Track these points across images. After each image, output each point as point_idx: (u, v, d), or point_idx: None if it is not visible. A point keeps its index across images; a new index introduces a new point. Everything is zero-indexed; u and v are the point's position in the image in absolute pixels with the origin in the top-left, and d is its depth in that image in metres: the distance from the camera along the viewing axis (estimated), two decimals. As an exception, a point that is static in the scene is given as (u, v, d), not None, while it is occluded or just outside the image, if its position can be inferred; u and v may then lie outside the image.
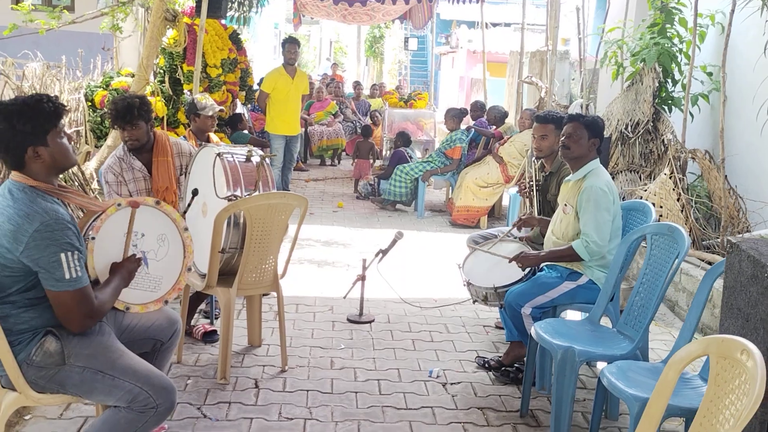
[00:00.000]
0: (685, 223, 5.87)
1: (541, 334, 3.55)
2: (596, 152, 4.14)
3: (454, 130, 9.32)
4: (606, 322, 3.97)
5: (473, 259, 4.64)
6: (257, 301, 4.54)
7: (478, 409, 3.92)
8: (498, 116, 9.26)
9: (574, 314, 4.40)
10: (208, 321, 4.89)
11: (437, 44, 24.38)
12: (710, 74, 6.60)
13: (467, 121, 10.83)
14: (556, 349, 3.39)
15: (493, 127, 9.36)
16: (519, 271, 4.26)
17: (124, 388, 2.66)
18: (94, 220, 2.96)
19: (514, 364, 4.32)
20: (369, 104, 15.16)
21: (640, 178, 6.67)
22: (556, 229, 4.24)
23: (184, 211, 4.01)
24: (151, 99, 7.20)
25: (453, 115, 9.38)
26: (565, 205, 4.18)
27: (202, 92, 6.82)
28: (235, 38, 8.40)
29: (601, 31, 7.93)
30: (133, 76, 7.29)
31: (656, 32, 6.71)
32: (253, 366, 4.31)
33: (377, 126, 12.92)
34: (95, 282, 2.85)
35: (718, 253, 5.61)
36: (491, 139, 9.20)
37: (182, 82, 7.64)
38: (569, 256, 4.02)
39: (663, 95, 6.78)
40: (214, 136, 5.46)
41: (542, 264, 4.24)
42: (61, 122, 2.65)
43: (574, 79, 11.50)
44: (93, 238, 2.85)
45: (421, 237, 8.08)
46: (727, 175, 6.05)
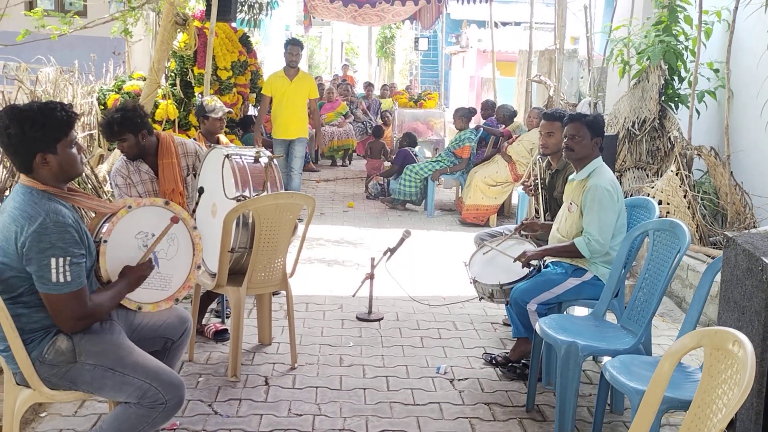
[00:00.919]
0: (692, 220, 5.89)
1: (545, 329, 3.59)
2: (599, 150, 4.19)
3: (463, 130, 9.37)
4: (613, 319, 4.02)
5: (479, 256, 4.69)
6: (267, 300, 4.62)
7: (485, 404, 3.97)
8: (507, 115, 9.29)
9: (582, 310, 4.44)
10: (219, 320, 4.97)
11: (447, 44, 24.43)
12: (717, 71, 6.61)
13: (477, 120, 10.88)
14: (560, 344, 3.44)
15: (503, 126, 9.40)
16: (524, 268, 4.31)
17: (133, 384, 2.73)
18: (105, 222, 3.03)
19: (521, 360, 4.36)
20: (380, 103, 15.23)
21: (647, 176, 6.70)
22: (561, 227, 4.28)
23: (193, 210, 4.09)
24: (163, 102, 7.32)
25: (462, 115, 9.44)
26: (570, 204, 4.22)
27: (212, 95, 6.90)
28: (245, 41, 8.50)
29: (609, 30, 7.94)
30: (144, 80, 7.38)
31: (661, 30, 6.73)
32: (264, 364, 4.39)
33: (388, 126, 12.99)
34: (107, 282, 2.92)
35: (725, 249, 5.63)
36: (500, 138, 9.24)
37: (193, 84, 7.73)
38: (571, 252, 4.07)
39: (669, 93, 6.80)
40: (223, 138, 5.54)
41: (547, 261, 4.30)
42: (72, 132, 2.70)
43: (582, 78, 11.51)
44: (105, 241, 2.91)
45: (431, 236, 8.14)
46: (733, 172, 6.07)
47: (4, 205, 2.73)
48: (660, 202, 5.91)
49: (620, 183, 5.80)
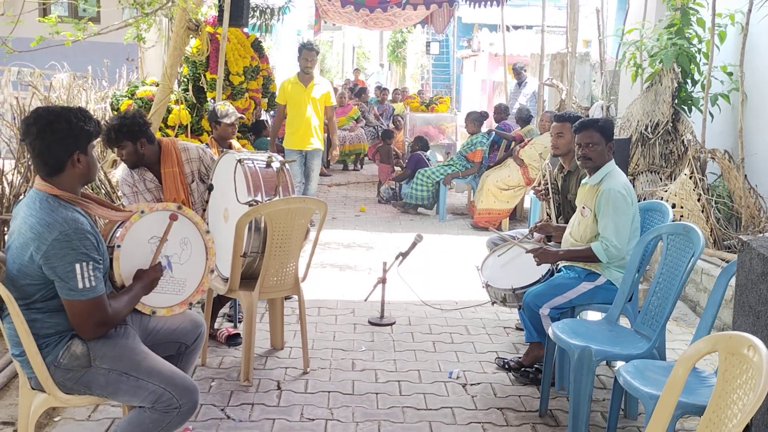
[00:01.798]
0: (706, 224, 5.86)
1: (558, 334, 3.58)
2: (611, 154, 4.17)
3: (475, 134, 9.37)
4: (625, 323, 3.99)
5: (492, 260, 4.68)
6: (279, 305, 4.62)
7: (498, 409, 3.96)
8: (523, 117, 9.28)
9: (596, 314, 4.43)
10: (232, 324, 4.98)
11: (459, 48, 24.40)
12: (730, 74, 6.58)
13: (490, 124, 10.87)
14: (573, 349, 3.43)
15: (517, 128, 9.39)
16: (537, 272, 4.30)
17: (148, 389, 2.74)
18: (118, 228, 3.05)
19: (534, 365, 4.35)
20: (393, 108, 15.26)
21: (661, 179, 6.67)
22: (574, 231, 4.27)
23: (204, 209, 4.12)
24: (175, 107, 7.35)
25: (473, 119, 9.44)
26: (583, 208, 4.21)
27: (224, 100, 6.92)
28: (257, 46, 8.52)
29: (621, 33, 7.92)
30: (157, 85, 7.42)
31: (674, 33, 6.70)
32: (276, 368, 4.39)
33: (400, 130, 13.00)
34: (122, 287, 2.94)
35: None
36: (512, 141, 9.23)
37: (205, 90, 7.76)
38: (587, 257, 4.05)
39: (682, 96, 6.77)
40: (236, 143, 5.56)
41: (560, 265, 4.28)
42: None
43: (595, 81, 11.48)
44: (118, 246, 2.93)
45: (443, 240, 8.13)
46: (747, 175, 6.03)
47: (17, 210, 2.75)
48: (674, 206, 5.88)
49: (633, 187, 5.77)
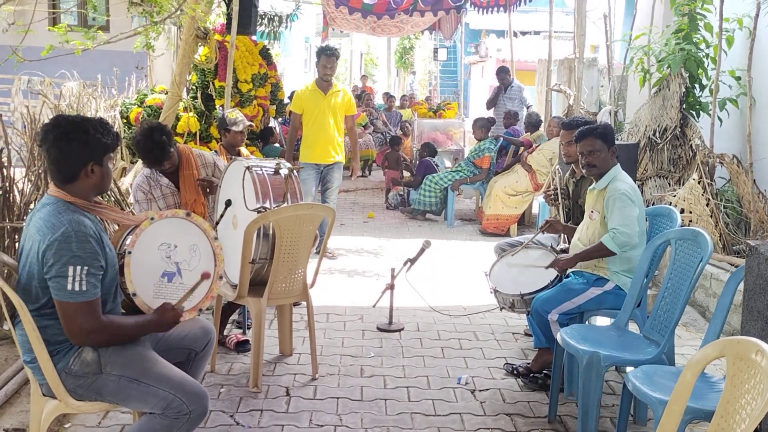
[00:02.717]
0: (715, 228, 5.85)
1: (566, 339, 3.58)
2: (615, 158, 4.18)
3: (483, 140, 9.38)
4: (634, 328, 3.99)
5: (500, 266, 4.68)
6: (288, 311, 4.64)
7: (507, 415, 3.96)
8: (533, 123, 9.28)
9: (604, 320, 4.42)
10: (241, 331, 4.99)
11: (466, 54, 24.45)
12: (738, 79, 6.57)
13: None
14: (582, 355, 3.43)
15: (526, 134, 9.40)
16: (545, 277, 4.30)
17: (158, 395, 2.75)
18: (128, 234, 3.08)
19: (543, 371, 4.34)
20: (401, 115, 15.28)
21: (669, 184, 6.66)
22: (583, 236, 4.27)
23: (217, 222, 4.15)
24: (184, 115, 7.39)
25: (481, 125, 9.45)
26: (592, 212, 4.21)
27: (233, 107, 6.96)
28: (265, 53, 8.55)
29: (628, 38, 7.92)
30: (166, 93, 7.46)
31: (682, 38, 6.70)
32: (285, 374, 4.40)
33: (408, 136, 13.02)
34: (133, 294, 2.96)
35: (749, 258, 5.58)
36: (521, 147, 9.23)
37: (214, 97, 7.79)
38: (600, 251, 4.04)
39: (690, 101, 6.76)
40: (244, 150, 5.59)
41: (569, 270, 4.28)
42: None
43: (602, 86, 11.47)
44: (129, 253, 2.95)
45: (451, 246, 8.13)
46: (756, 180, 6.02)
47: (30, 217, 2.79)
48: (682, 211, 5.87)
49: (642, 192, 5.76)
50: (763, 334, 2.66)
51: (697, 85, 6.82)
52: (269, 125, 9.35)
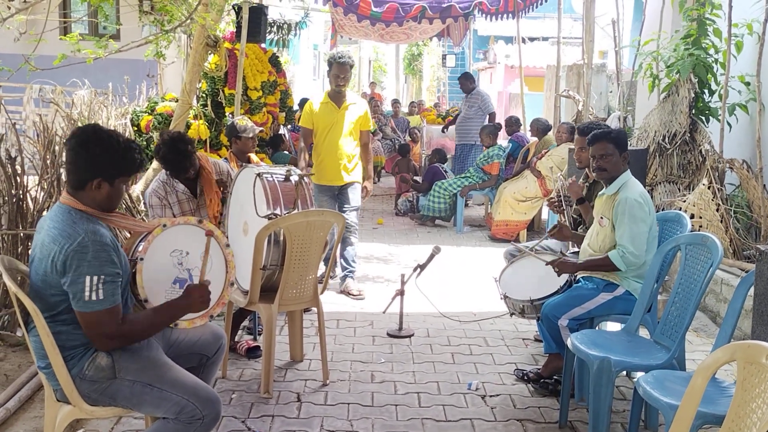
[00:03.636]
0: (725, 234, 5.84)
1: (577, 345, 3.58)
2: (627, 164, 4.18)
3: (491, 146, 9.39)
4: (645, 333, 3.99)
5: (509, 272, 4.69)
6: (299, 317, 4.66)
7: (517, 420, 3.96)
8: (541, 128, 9.28)
9: (615, 325, 4.42)
10: (252, 337, 5.02)
11: (475, 60, 24.45)
12: (748, 84, 6.56)
13: (503, 136, 10.88)
14: (593, 360, 3.43)
15: (534, 140, 9.40)
16: (555, 283, 4.30)
17: (171, 400, 2.77)
18: (141, 241, 3.10)
19: (553, 376, 4.34)
20: (408, 121, 15.30)
21: (679, 190, 6.65)
22: (593, 242, 4.27)
23: (219, 221, 4.20)
24: (194, 122, 7.44)
25: (488, 132, 9.46)
26: (601, 218, 4.22)
27: (243, 115, 7.00)
28: (275, 61, 8.61)
29: (637, 44, 7.93)
30: (177, 101, 7.51)
31: (691, 43, 6.70)
32: (296, 380, 4.42)
33: (416, 143, 13.04)
34: (145, 300, 2.98)
35: (759, 263, 5.57)
36: (529, 152, 9.24)
37: (224, 105, 7.85)
38: (606, 266, 4.05)
39: (699, 106, 6.76)
40: (254, 157, 5.62)
41: (579, 276, 4.29)
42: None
43: (611, 92, 11.47)
44: (141, 259, 2.98)
45: (460, 252, 8.14)
46: (765, 184, 6.01)
47: (41, 224, 2.81)
48: (692, 216, 5.86)
49: (651, 197, 5.75)
50: (774, 339, 2.67)
51: (706, 91, 6.82)
52: (279, 132, 9.40)
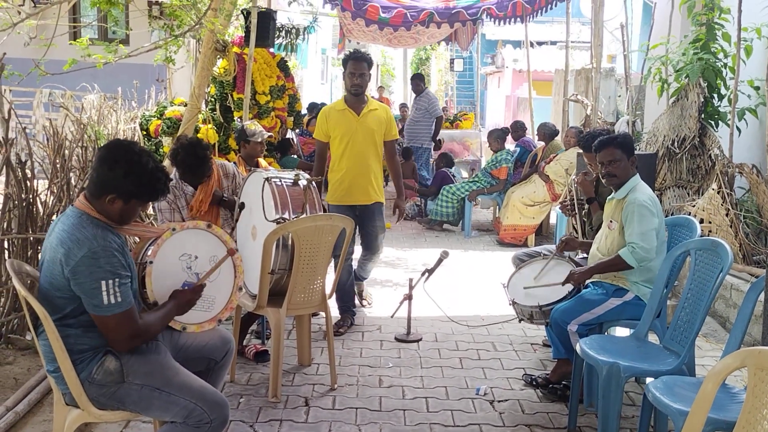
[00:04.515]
0: (735, 239, 5.81)
1: (586, 350, 3.57)
2: (635, 168, 4.18)
3: (499, 151, 9.38)
4: (654, 339, 3.97)
5: (518, 278, 4.68)
6: (306, 321, 4.66)
7: (526, 426, 3.95)
8: (548, 133, 9.27)
9: (624, 331, 4.41)
10: (260, 341, 5.02)
11: (483, 64, 24.46)
12: (757, 88, 6.54)
13: (511, 141, 10.87)
14: (602, 365, 3.42)
15: (541, 144, 9.39)
16: (564, 288, 4.29)
17: (180, 404, 2.78)
18: (150, 245, 3.11)
19: (562, 382, 4.33)
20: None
21: (688, 194, 6.63)
22: (601, 246, 4.27)
23: (232, 228, 4.20)
24: (203, 127, 7.46)
25: (496, 137, 9.46)
26: (610, 222, 4.21)
27: (251, 119, 7.01)
28: (283, 65, 8.62)
29: (646, 48, 7.91)
30: (185, 105, 7.53)
31: (699, 48, 6.68)
32: (304, 384, 4.42)
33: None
34: (154, 304, 2.99)
35: (769, 268, 5.54)
36: (537, 157, 9.22)
37: (232, 109, 7.86)
38: (617, 264, 4.04)
39: (709, 110, 6.74)
40: (263, 161, 5.63)
41: (588, 281, 4.27)
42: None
43: (620, 96, 11.44)
44: (151, 263, 2.99)
45: (468, 256, 8.13)
46: (775, 189, 5.98)
47: (52, 227, 2.83)
48: (701, 221, 5.84)
49: (660, 202, 5.74)
50: (785, 345, 2.65)
51: (715, 95, 6.80)
52: (287, 136, 9.41)
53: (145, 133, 7.95)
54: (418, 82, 11.38)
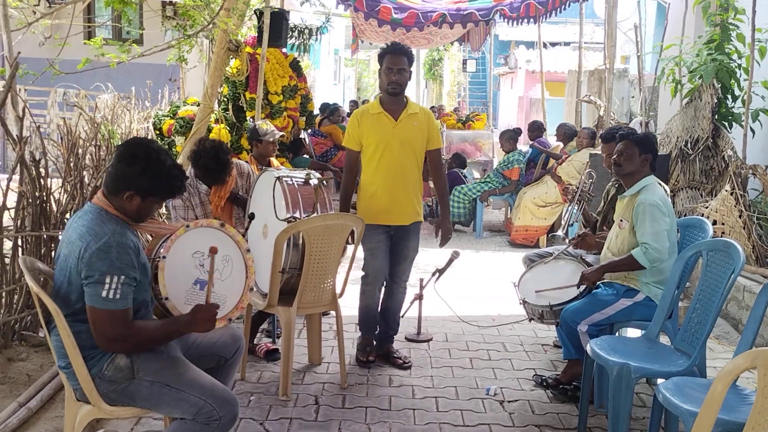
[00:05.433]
0: (748, 240, 5.78)
1: (596, 350, 3.56)
2: (650, 168, 4.17)
3: (511, 151, 9.36)
4: (665, 340, 3.95)
5: (528, 277, 4.67)
6: (317, 320, 4.67)
7: (536, 426, 3.94)
8: (567, 133, 9.22)
9: (635, 331, 4.39)
10: (270, 340, 5.03)
11: (496, 65, 24.45)
12: (772, 89, 6.51)
13: (525, 141, 10.85)
14: (612, 366, 3.41)
15: (558, 144, 9.35)
16: (574, 288, 4.28)
17: (189, 400, 2.79)
18: (164, 241, 3.13)
19: (572, 382, 4.32)
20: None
21: (701, 195, 6.60)
22: (612, 245, 4.25)
23: (242, 234, 4.21)
24: (216, 126, 7.49)
25: (508, 138, 9.44)
26: (621, 221, 4.20)
27: (264, 119, 7.03)
28: (296, 66, 8.64)
29: (659, 49, 7.88)
30: (198, 105, 7.57)
31: (713, 48, 6.65)
32: (314, 383, 4.42)
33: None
34: (165, 299, 3.01)
35: (783, 270, 5.51)
36: (550, 158, 9.20)
37: (245, 109, 7.89)
38: (629, 264, 4.01)
39: (722, 111, 6.71)
40: (274, 161, 5.65)
41: (598, 282, 4.26)
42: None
43: (633, 97, 11.40)
44: (164, 257, 3.01)
45: (480, 257, 8.12)
46: (789, 191, 5.94)
47: (70, 223, 2.86)
48: (714, 222, 5.81)
49: (673, 203, 5.72)
50: (796, 346, 2.64)
51: (729, 96, 6.77)
52: (299, 137, 9.44)
53: (158, 132, 7.99)
54: None
